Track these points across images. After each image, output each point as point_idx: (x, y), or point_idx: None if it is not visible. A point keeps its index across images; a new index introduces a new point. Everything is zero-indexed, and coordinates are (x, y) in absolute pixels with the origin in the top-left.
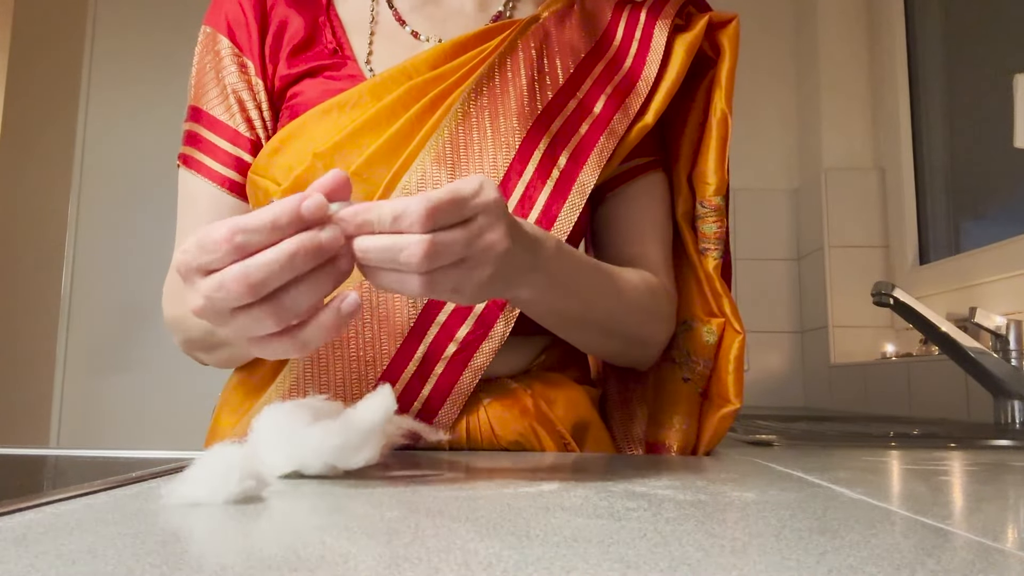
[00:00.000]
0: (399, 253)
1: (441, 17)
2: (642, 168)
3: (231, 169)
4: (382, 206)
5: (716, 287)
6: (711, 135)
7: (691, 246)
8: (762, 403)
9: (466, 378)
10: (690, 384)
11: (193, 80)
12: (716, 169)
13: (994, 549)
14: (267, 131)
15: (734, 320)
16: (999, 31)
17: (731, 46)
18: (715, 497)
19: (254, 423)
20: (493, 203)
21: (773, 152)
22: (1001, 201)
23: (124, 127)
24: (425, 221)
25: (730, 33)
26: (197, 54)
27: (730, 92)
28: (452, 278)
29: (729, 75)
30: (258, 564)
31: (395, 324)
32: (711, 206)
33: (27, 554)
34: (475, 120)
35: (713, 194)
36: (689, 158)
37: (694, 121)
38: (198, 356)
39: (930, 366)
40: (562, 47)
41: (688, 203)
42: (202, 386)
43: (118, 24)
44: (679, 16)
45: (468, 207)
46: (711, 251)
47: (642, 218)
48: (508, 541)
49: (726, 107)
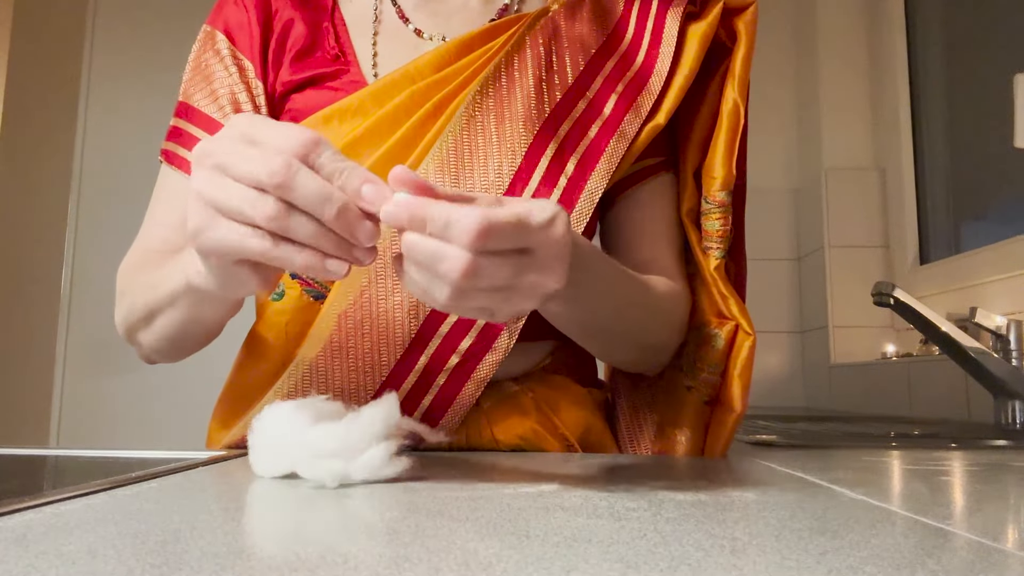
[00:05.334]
0: (439, 263)
1: (445, 13)
2: (653, 169)
3: None
4: (439, 208)
5: (721, 288)
6: (721, 126)
7: (696, 246)
8: (762, 403)
9: (468, 389)
10: (693, 393)
11: (186, 76)
12: (723, 162)
13: (994, 549)
14: None
15: (743, 321)
16: (999, 31)
17: (747, 33)
18: (715, 497)
19: (254, 423)
20: (558, 242)
21: (773, 152)
22: (1001, 201)
23: (124, 127)
24: (475, 240)
25: (747, 19)
26: (194, 52)
27: (745, 82)
28: (486, 302)
29: (744, 64)
30: (258, 564)
31: (396, 334)
32: (715, 202)
33: (27, 554)
34: (480, 124)
35: (718, 189)
36: (698, 154)
37: (705, 113)
38: (138, 338)
39: (930, 366)
40: (572, 43)
41: (693, 200)
42: (202, 386)
43: (118, 24)
44: (692, 3)
45: (531, 238)
46: (713, 250)
47: (654, 221)
48: (508, 541)
49: (739, 97)
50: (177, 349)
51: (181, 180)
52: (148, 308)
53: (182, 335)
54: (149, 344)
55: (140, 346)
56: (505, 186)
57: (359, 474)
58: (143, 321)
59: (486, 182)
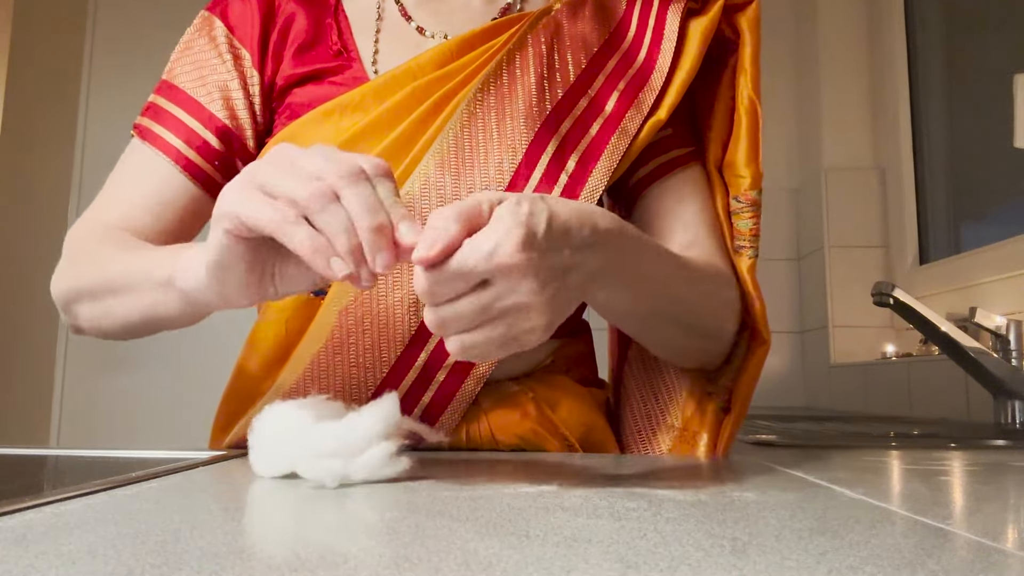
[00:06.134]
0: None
1: (447, 11)
2: (681, 160)
3: (192, 149)
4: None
5: (749, 289)
6: (740, 125)
7: (729, 244)
8: (762, 403)
9: (468, 386)
10: (714, 398)
11: (173, 56)
12: (749, 161)
13: (994, 549)
14: (255, 124)
15: (762, 327)
16: (999, 31)
17: (752, 29)
18: (715, 497)
19: (254, 422)
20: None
21: (773, 152)
22: (1001, 201)
23: (124, 127)
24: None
25: (750, 16)
26: (187, 34)
27: (756, 77)
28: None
29: (753, 59)
30: (258, 564)
31: (396, 332)
32: (747, 200)
33: (27, 554)
34: (481, 122)
35: (749, 187)
36: (719, 150)
37: (720, 109)
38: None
39: (930, 366)
40: (574, 41)
41: (723, 198)
42: (202, 386)
43: (118, 24)
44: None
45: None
46: (746, 249)
47: (688, 207)
48: (508, 541)
49: (753, 94)
50: (118, 331)
51: (151, 157)
52: (109, 285)
53: (133, 323)
54: (88, 317)
55: (76, 316)
56: (506, 183)
57: (359, 474)
58: (90, 295)
59: (486, 179)
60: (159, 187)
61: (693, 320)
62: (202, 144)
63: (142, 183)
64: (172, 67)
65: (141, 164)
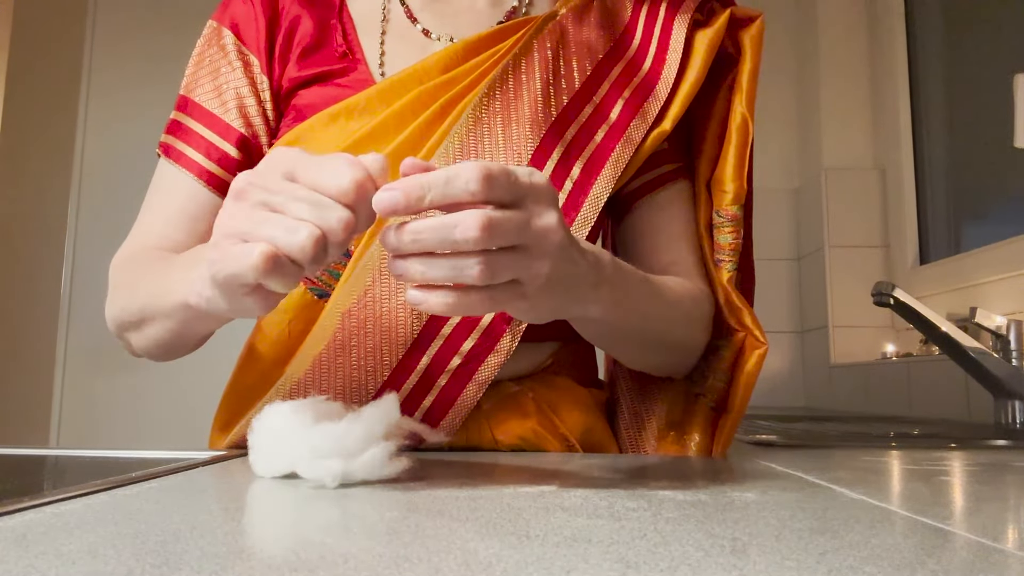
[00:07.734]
0: (453, 230)
1: (452, 13)
2: (671, 175)
3: (213, 162)
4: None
5: (733, 300)
6: (730, 141)
7: (709, 257)
8: (762, 403)
9: (470, 391)
10: (702, 399)
11: (188, 70)
12: (734, 176)
13: (994, 549)
14: (268, 128)
15: (756, 331)
16: (999, 31)
17: (753, 47)
18: (715, 497)
19: (254, 422)
20: (544, 189)
21: (773, 152)
22: (1001, 201)
23: (124, 127)
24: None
25: (753, 33)
26: (198, 47)
27: (752, 96)
28: (510, 265)
29: (751, 78)
30: (258, 564)
31: (397, 335)
32: (728, 215)
33: (27, 554)
34: (487, 127)
35: (730, 203)
36: (709, 166)
37: (714, 126)
38: (127, 337)
39: (930, 366)
40: (579, 47)
41: (707, 212)
42: (202, 386)
43: (118, 24)
44: (700, 12)
45: (520, 186)
46: (725, 263)
47: (673, 225)
48: (508, 541)
49: (747, 112)
50: (167, 353)
51: (176, 175)
52: (142, 313)
53: (174, 343)
54: (139, 345)
55: (130, 344)
56: None
57: (359, 474)
58: (134, 324)
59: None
60: (186, 203)
61: (664, 339)
62: (222, 156)
63: (171, 201)
64: (188, 81)
65: (168, 182)
